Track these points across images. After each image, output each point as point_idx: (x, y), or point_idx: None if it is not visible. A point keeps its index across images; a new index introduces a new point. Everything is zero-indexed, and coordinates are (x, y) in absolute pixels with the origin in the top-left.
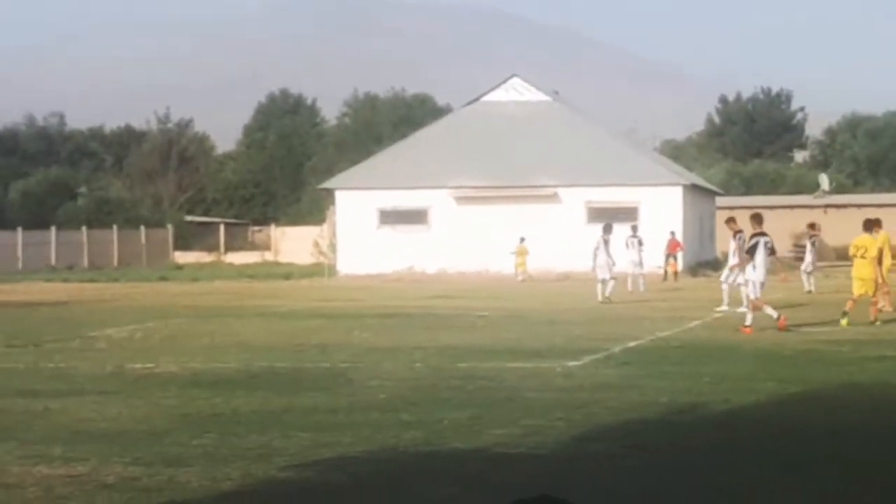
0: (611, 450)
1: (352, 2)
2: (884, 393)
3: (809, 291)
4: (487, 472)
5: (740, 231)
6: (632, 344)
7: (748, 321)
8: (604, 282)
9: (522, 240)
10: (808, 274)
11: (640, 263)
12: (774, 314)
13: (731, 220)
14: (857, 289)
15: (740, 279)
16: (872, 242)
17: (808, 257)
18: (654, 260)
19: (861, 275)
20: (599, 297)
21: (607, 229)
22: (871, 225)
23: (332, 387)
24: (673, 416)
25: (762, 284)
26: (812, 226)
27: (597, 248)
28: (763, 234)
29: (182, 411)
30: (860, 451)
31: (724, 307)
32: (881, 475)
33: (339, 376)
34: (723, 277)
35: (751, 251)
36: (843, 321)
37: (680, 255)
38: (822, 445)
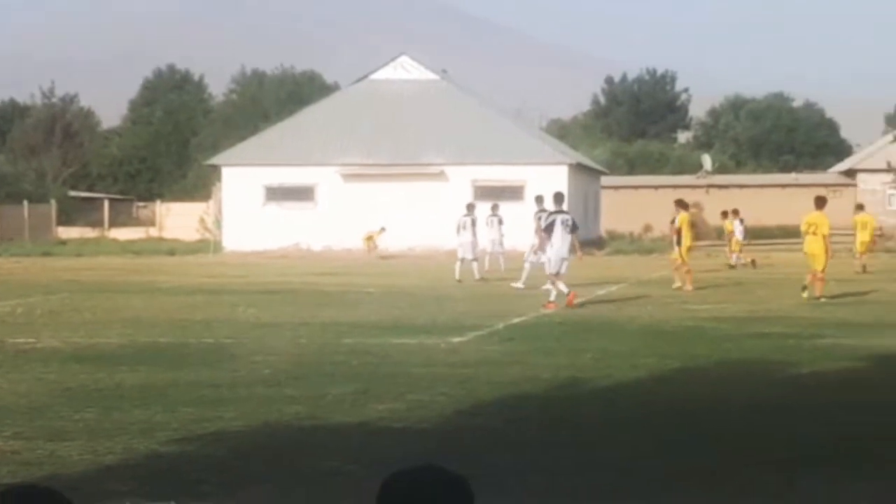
0: (493, 424)
1: None
2: (761, 369)
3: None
4: (370, 445)
5: (542, 210)
6: (516, 320)
7: (552, 297)
8: (463, 261)
9: (383, 229)
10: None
11: (501, 242)
12: (565, 290)
13: (538, 199)
14: (816, 264)
15: (543, 258)
16: (823, 220)
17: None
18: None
19: (812, 251)
20: (457, 276)
21: (470, 209)
22: (823, 202)
23: (216, 362)
24: (554, 391)
25: (562, 260)
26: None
27: (461, 227)
28: (562, 211)
29: (64, 386)
30: (739, 426)
31: (520, 284)
32: (758, 450)
33: (223, 352)
34: (525, 256)
35: (548, 229)
36: (804, 294)
37: None
38: (701, 421)
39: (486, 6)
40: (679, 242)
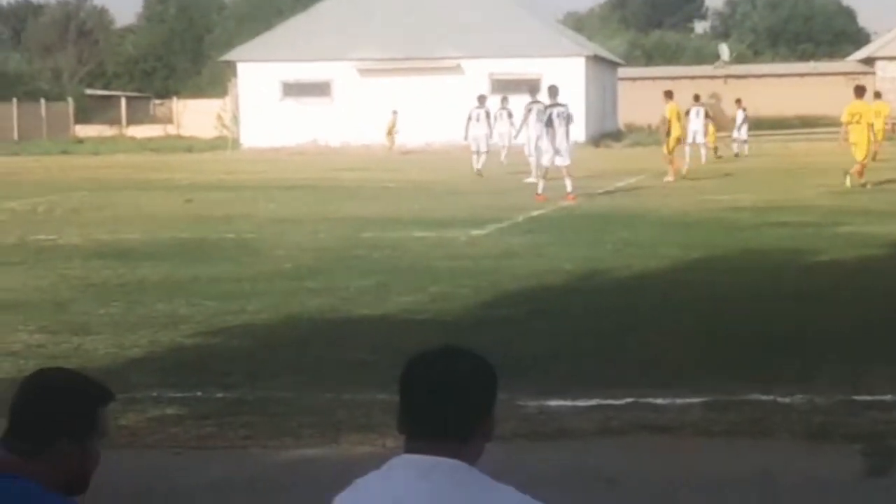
0: (515, 315)
1: None
2: (781, 257)
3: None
4: (393, 336)
5: (536, 101)
6: (535, 213)
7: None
8: (478, 153)
9: (395, 113)
10: (696, 144)
11: (511, 136)
12: (540, 187)
13: (531, 92)
14: (858, 154)
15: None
16: (867, 108)
17: (692, 125)
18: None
19: (857, 139)
20: (476, 167)
21: (482, 101)
22: (862, 91)
23: (237, 257)
24: (576, 281)
25: (566, 151)
26: (696, 97)
27: (470, 119)
28: (558, 104)
29: (87, 282)
30: (760, 314)
31: (533, 178)
32: (779, 336)
33: (244, 246)
34: (527, 151)
35: (548, 123)
36: (847, 181)
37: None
38: (723, 309)
39: None
40: (669, 133)
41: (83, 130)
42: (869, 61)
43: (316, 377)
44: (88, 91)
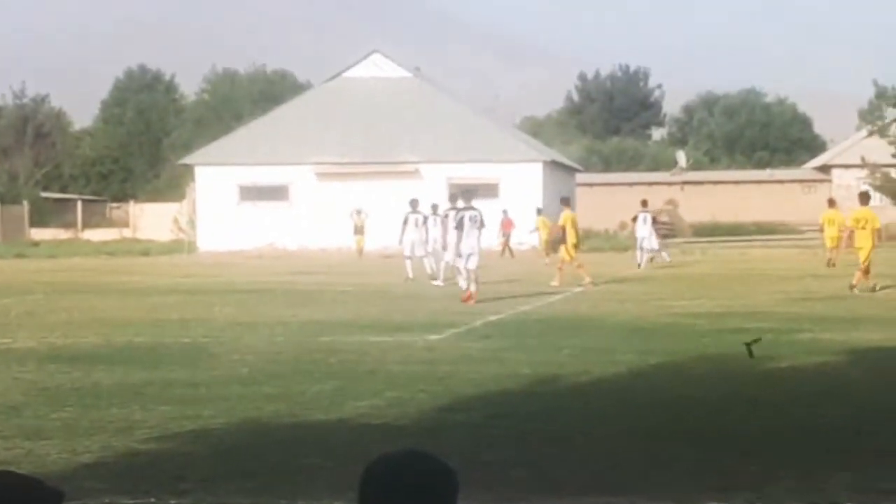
0: (473, 420)
1: None
2: (739, 364)
3: (639, 265)
4: (350, 442)
5: (453, 208)
6: (493, 318)
7: (472, 288)
8: (411, 258)
9: (359, 212)
10: (644, 250)
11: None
12: (464, 286)
13: (451, 198)
14: (862, 257)
15: (447, 257)
16: (872, 215)
17: (639, 231)
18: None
19: (862, 244)
20: (408, 274)
21: (414, 205)
22: (867, 198)
23: (193, 361)
24: (533, 387)
25: (474, 256)
26: (644, 202)
27: (406, 223)
28: (471, 208)
29: (41, 385)
30: (718, 420)
31: (440, 282)
32: (738, 442)
33: (200, 351)
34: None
35: (459, 226)
36: (856, 290)
37: (513, 232)
38: (681, 415)
39: (457, 4)
40: (564, 240)
41: (39, 233)
42: (825, 169)
43: (271, 483)
44: (44, 194)
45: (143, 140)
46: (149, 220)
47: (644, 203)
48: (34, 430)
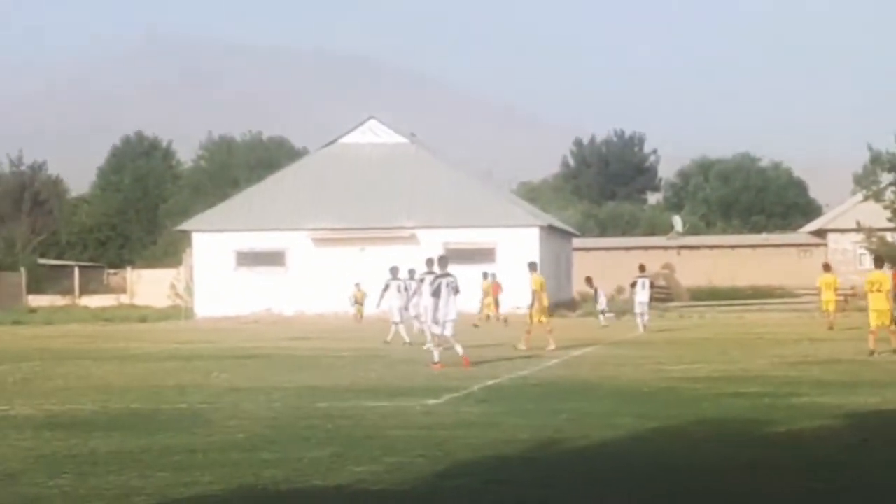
0: (472, 485)
1: (204, 46)
2: (738, 428)
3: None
4: None
5: (429, 273)
6: (490, 383)
7: (460, 351)
8: (400, 324)
9: (358, 286)
10: (636, 314)
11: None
12: (460, 351)
13: (428, 262)
14: (874, 321)
15: (396, 317)
16: (885, 278)
17: (639, 296)
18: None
19: (877, 307)
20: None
21: (394, 272)
22: (881, 262)
23: (190, 427)
24: (533, 452)
25: (452, 322)
26: (641, 267)
27: (387, 289)
28: (448, 274)
29: (38, 452)
30: (717, 485)
31: (430, 346)
32: None
33: (197, 417)
34: (393, 317)
35: (436, 293)
36: (873, 354)
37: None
38: (681, 479)
39: (453, 71)
40: (532, 304)
41: (36, 300)
42: (821, 233)
43: None
44: (42, 261)
45: (140, 206)
46: (146, 286)
47: (642, 268)
48: (32, 497)
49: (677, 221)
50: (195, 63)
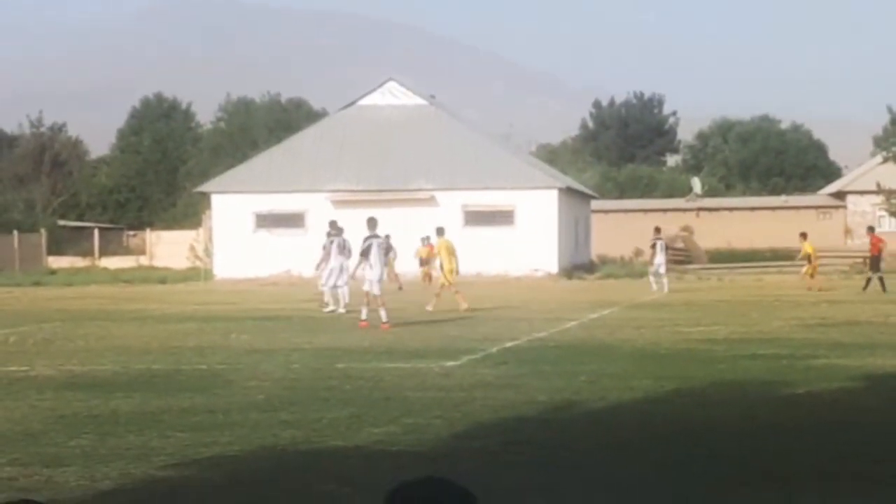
0: (489, 446)
1: (224, 7)
2: (756, 389)
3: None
4: (366, 468)
5: (335, 233)
6: (509, 344)
7: (382, 316)
8: (334, 287)
9: (424, 240)
10: (658, 276)
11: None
12: (364, 315)
13: (331, 224)
14: None
15: (340, 281)
16: None
17: (657, 258)
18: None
19: None
20: (331, 306)
21: (333, 226)
22: None
23: (209, 388)
24: (550, 414)
25: (379, 281)
26: (657, 230)
27: (325, 250)
28: (376, 235)
29: (59, 413)
30: (735, 446)
31: (332, 308)
32: (755, 469)
33: (216, 378)
34: (322, 281)
35: (365, 252)
36: None
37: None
38: (698, 441)
39: (472, 33)
40: (442, 267)
41: (56, 261)
42: (840, 195)
43: None
44: (61, 222)
45: (160, 168)
46: (165, 247)
47: (657, 230)
48: (53, 457)
49: (696, 183)
50: (214, 24)
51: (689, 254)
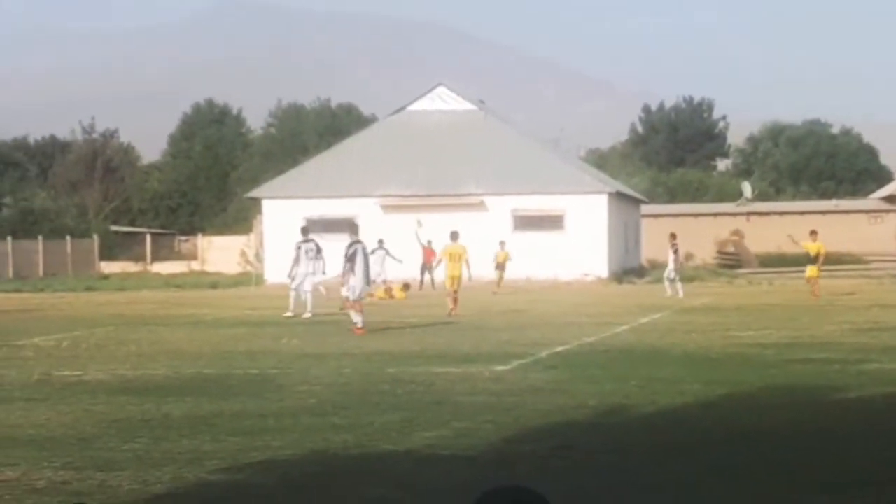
0: (540, 451)
1: (274, 12)
2: (807, 395)
3: (673, 296)
4: (418, 473)
5: (306, 240)
6: (559, 349)
7: (357, 322)
8: (297, 291)
9: (503, 244)
10: (671, 281)
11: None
12: (360, 322)
13: (303, 230)
14: None
15: (306, 286)
16: None
17: (670, 264)
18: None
19: None
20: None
21: (304, 231)
22: None
23: (261, 392)
24: (601, 418)
25: (363, 288)
26: (673, 235)
27: (296, 257)
28: (359, 241)
29: (112, 417)
30: (787, 453)
31: (289, 313)
32: (808, 474)
33: (268, 382)
34: (293, 285)
35: (351, 258)
36: None
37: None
38: (750, 446)
39: (521, 38)
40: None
41: (108, 266)
42: (891, 199)
43: None
44: (114, 227)
45: (211, 174)
46: (216, 253)
47: (673, 236)
48: (106, 461)
49: (746, 187)
50: (265, 30)
51: (740, 258)
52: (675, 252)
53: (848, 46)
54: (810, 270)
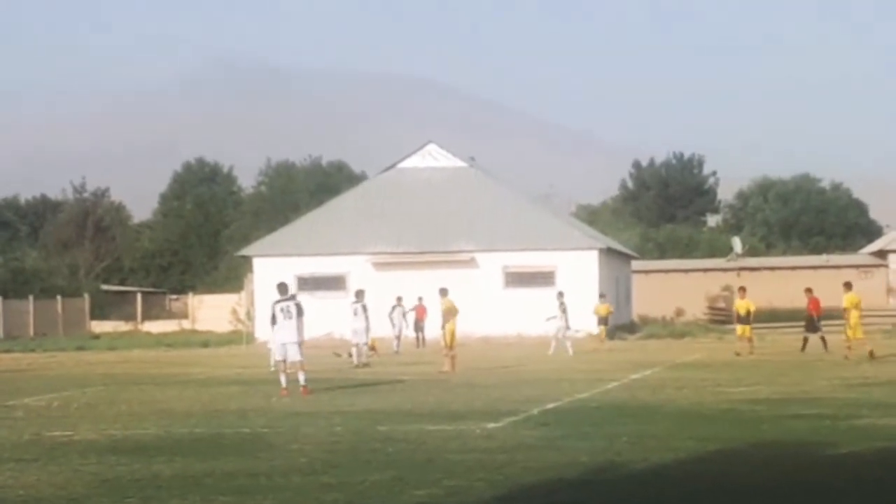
0: None
1: (263, 71)
2: (799, 450)
3: (567, 353)
4: None
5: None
6: (550, 405)
7: (283, 383)
8: (357, 346)
9: (603, 297)
10: (561, 338)
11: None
12: (283, 382)
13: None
14: None
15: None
16: None
17: (559, 322)
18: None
19: None
20: (355, 361)
21: (359, 295)
22: None
23: (252, 451)
24: (592, 475)
25: (284, 346)
26: (561, 294)
27: (356, 314)
28: (285, 299)
29: (102, 477)
30: None
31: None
32: None
33: (259, 441)
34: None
35: (273, 319)
36: None
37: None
38: (742, 503)
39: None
40: (443, 327)
41: (99, 326)
42: (882, 254)
43: None
44: (104, 286)
45: (202, 232)
46: (207, 311)
47: (560, 294)
48: None
49: (736, 243)
50: (255, 88)
51: (731, 314)
52: (564, 311)
53: (836, 103)
54: (741, 329)
